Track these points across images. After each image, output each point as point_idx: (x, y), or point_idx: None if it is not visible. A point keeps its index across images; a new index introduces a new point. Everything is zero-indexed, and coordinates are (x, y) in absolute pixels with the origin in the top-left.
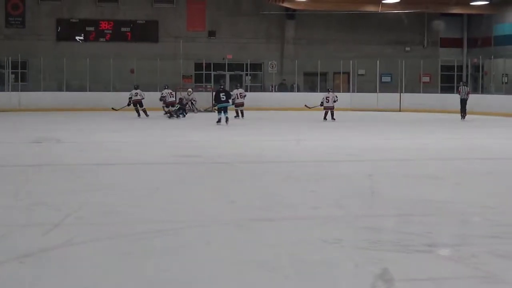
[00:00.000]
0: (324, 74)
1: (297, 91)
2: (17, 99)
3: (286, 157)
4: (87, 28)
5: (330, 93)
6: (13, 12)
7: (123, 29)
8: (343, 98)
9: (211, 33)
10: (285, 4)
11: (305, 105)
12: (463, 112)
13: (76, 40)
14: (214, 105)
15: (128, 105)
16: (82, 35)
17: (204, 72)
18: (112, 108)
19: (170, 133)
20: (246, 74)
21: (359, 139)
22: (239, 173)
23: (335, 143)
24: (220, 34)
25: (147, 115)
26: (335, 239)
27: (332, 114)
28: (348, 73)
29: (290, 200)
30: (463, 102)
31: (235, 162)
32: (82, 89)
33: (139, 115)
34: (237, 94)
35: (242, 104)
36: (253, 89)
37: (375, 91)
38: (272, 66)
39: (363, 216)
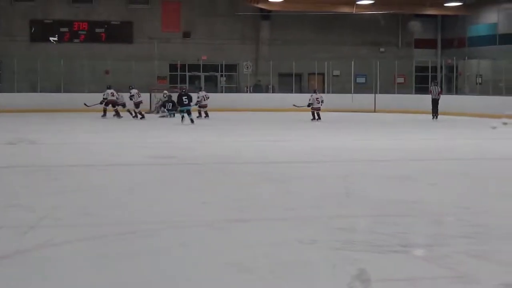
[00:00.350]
0: (299, 75)
1: (272, 92)
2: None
3: (262, 158)
4: (61, 29)
5: (317, 94)
6: None
7: (97, 30)
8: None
9: (186, 34)
10: (260, 5)
11: (294, 105)
12: (435, 112)
13: (50, 41)
14: (177, 108)
15: (101, 103)
16: (56, 36)
17: (179, 73)
18: (84, 104)
19: (145, 134)
20: (221, 75)
21: (334, 140)
22: (214, 174)
23: (311, 144)
24: (195, 35)
25: (119, 117)
26: (311, 239)
27: (319, 115)
28: (323, 74)
29: (266, 201)
30: (435, 102)
31: (210, 163)
32: (56, 90)
33: (104, 115)
34: (203, 97)
35: (206, 106)
36: (228, 90)
37: (350, 92)
38: (247, 67)
39: (338, 216)
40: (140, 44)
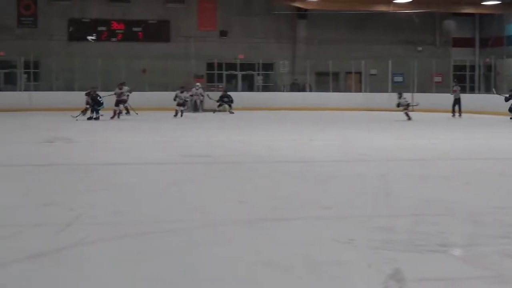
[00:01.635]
0: (336, 74)
1: (309, 91)
2: (29, 98)
3: (298, 156)
4: (99, 28)
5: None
6: (25, 12)
7: (134, 29)
8: (355, 98)
9: (223, 33)
10: (297, 4)
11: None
12: (458, 110)
13: (87, 40)
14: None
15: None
16: (94, 35)
17: (216, 72)
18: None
19: (179, 132)
20: (258, 74)
21: (372, 139)
22: (250, 172)
23: (348, 143)
24: (232, 33)
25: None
26: (348, 238)
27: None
28: (360, 73)
29: (302, 200)
30: (456, 101)
31: (246, 162)
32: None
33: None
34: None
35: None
36: (265, 89)
37: (387, 91)
38: (284, 66)
39: (375, 216)
40: (177, 43)
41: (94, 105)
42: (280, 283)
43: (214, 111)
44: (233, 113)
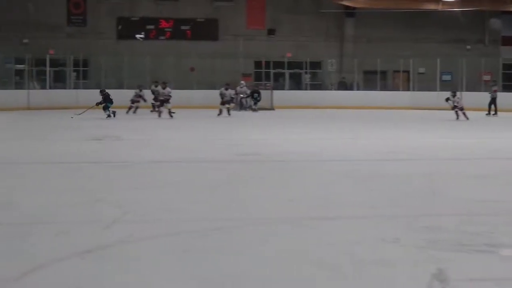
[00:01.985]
0: (383, 72)
1: (357, 89)
2: (76, 96)
3: (345, 155)
4: (147, 27)
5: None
6: (74, 11)
7: (183, 27)
8: (403, 96)
9: (271, 31)
10: (345, 2)
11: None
12: (494, 109)
13: (136, 38)
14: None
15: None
16: (143, 33)
17: (263, 70)
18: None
19: (226, 131)
20: (306, 73)
21: (419, 138)
22: (297, 171)
23: (395, 142)
24: (280, 32)
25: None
26: (394, 238)
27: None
28: (408, 72)
29: (349, 198)
30: (493, 100)
31: (293, 160)
32: (141, 87)
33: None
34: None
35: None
36: (312, 87)
37: (435, 90)
38: (332, 65)
39: (422, 215)
40: (225, 41)
41: (107, 103)
42: (326, 282)
43: (253, 109)
44: (256, 110)
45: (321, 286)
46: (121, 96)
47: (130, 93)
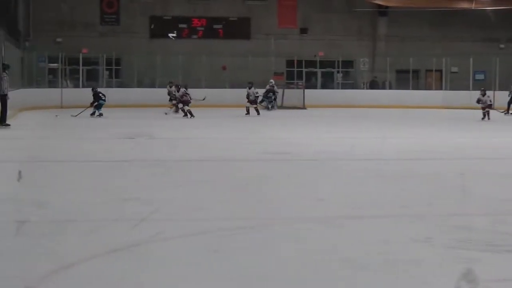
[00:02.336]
0: (416, 72)
1: (389, 89)
2: (111, 95)
3: (376, 154)
4: (180, 25)
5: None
6: (107, 10)
7: (215, 26)
8: (436, 96)
9: (303, 30)
10: (377, 1)
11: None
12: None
13: (169, 37)
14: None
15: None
16: (175, 32)
17: (295, 69)
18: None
19: (257, 129)
20: (338, 72)
21: (451, 137)
22: (328, 170)
23: (426, 141)
24: (312, 31)
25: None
26: (425, 237)
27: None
28: (441, 71)
29: (379, 198)
30: None
31: (324, 159)
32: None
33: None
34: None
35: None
36: (344, 86)
37: (468, 89)
38: (364, 64)
39: (453, 214)
40: (257, 40)
41: (99, 101)
42: (357, 280)
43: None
44: (270, 109)
45: (351, 285)
46: (153, 95)
47: (162, 92)
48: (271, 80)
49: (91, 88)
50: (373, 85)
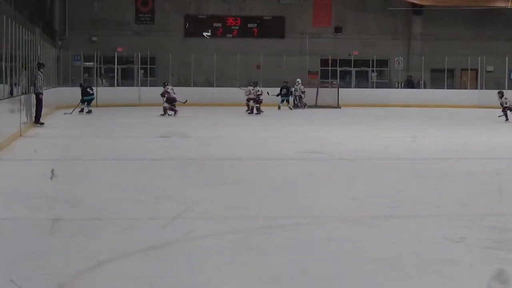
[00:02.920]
0: (451, 71)
1: (424, 88)
2: (142, 94)
3: (410, 153)
4: (215, 24)
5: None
6: (142, 9)
7: (249, 25)
8: (471, 95)
9: (337, 29)
10: (412, 0)
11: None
12: None
13: (203, 36)
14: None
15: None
16: (210, 31)
17: (330, 68)
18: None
19: (290, 128)
20: (372, 71)
21: (487, 137)
22: (362, 169)
23: (462, 141)
24: (346, 30)
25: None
26: (459, 237)
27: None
28: (476, 70)
29: (413, 197)
30: None
31: (358, 159)
32: (208, 84)
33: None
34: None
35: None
36: (379, 85)
37: (504, 88)
38: (399, 63)
39: (488, 215)
40: (292, 39)
41: (85, 97)
42: (389, 280)
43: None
44: (279, 108)
45: (384, 284)
46: (186, 94)
47: (197, 91)
48: (298, 80)
49: (79, 84)
50: (408, 84)
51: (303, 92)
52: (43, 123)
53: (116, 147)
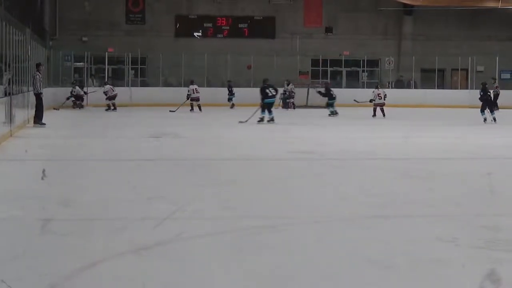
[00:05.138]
0: (442, 71)
1: (414, 88)
2: (134, 94)
3: (401, 154)
4: (205, 25)
5: (379, 89)
6: (133, 9)
7: (240, 25)
8: (461, 95)
9: (328, 29)
10: (403, 0)
11: (354, 100)
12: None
13: (194, 36)
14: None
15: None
16: (200, 31)
17: (320, 68)
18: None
19: (282, 129)
20: (363, 71)
21: (477, 137)
22: (354, 169)
23: (452, 141)
24: (337, 30)
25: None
26: (452, 237)
27: (383, 111)
28: (467, 70)
29: (406, 197)
30: None
31: (349, 159)
32: (199, 84)
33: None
34: (193, 89)
35: (198, 99)
36: (369, 85)
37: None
38: (389, 63)
39: (480, 215)
40: (282, 39)
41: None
42: (381, 280)
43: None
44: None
45: (376, 285)
46: (178, 94)
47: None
48: (286, 80)
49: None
50: (399, 84)
51: (292, 92)
52: (44, 124)
53: (107, 147)
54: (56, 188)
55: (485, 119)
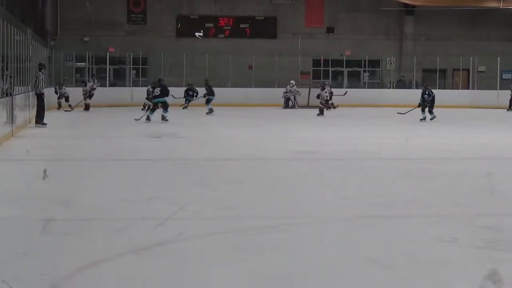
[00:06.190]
0: (443, 71)
1: (416, 88)
2: (135, 94)
3: (402, 154)
4: (207, 25)
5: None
6: (134, 9)
7: (242, 25)
8: (463, 95)
9: (329, 30)
10: (404, 0)
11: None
12: None
13: (195, 36)
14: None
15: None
16: (202, 31)
17: (322, 68)
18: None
19: (284, 129)
20: (364, 71)
21: (478, 137)
22: (355, 169)
23: (453, 141)
24: (339, 30)
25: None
26: (452, 237)
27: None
28: (468, 70)
29: (406, 197)
30: None
31: (351, 159)
32: (201, 84)
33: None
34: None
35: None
36: (371, 85)
37: (495, 89)
38: (391, 63)
39: (480, 215)
40: (284, 39)
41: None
42: (382, 280)
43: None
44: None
45: (376, 285)
46: (179, 94)
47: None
48: (291, 81)
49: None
50: (400, 84)
51: (297, 93)
52: (45, 124)
53: (108, 147)
54: (57, 188)
55: (424, 118)
